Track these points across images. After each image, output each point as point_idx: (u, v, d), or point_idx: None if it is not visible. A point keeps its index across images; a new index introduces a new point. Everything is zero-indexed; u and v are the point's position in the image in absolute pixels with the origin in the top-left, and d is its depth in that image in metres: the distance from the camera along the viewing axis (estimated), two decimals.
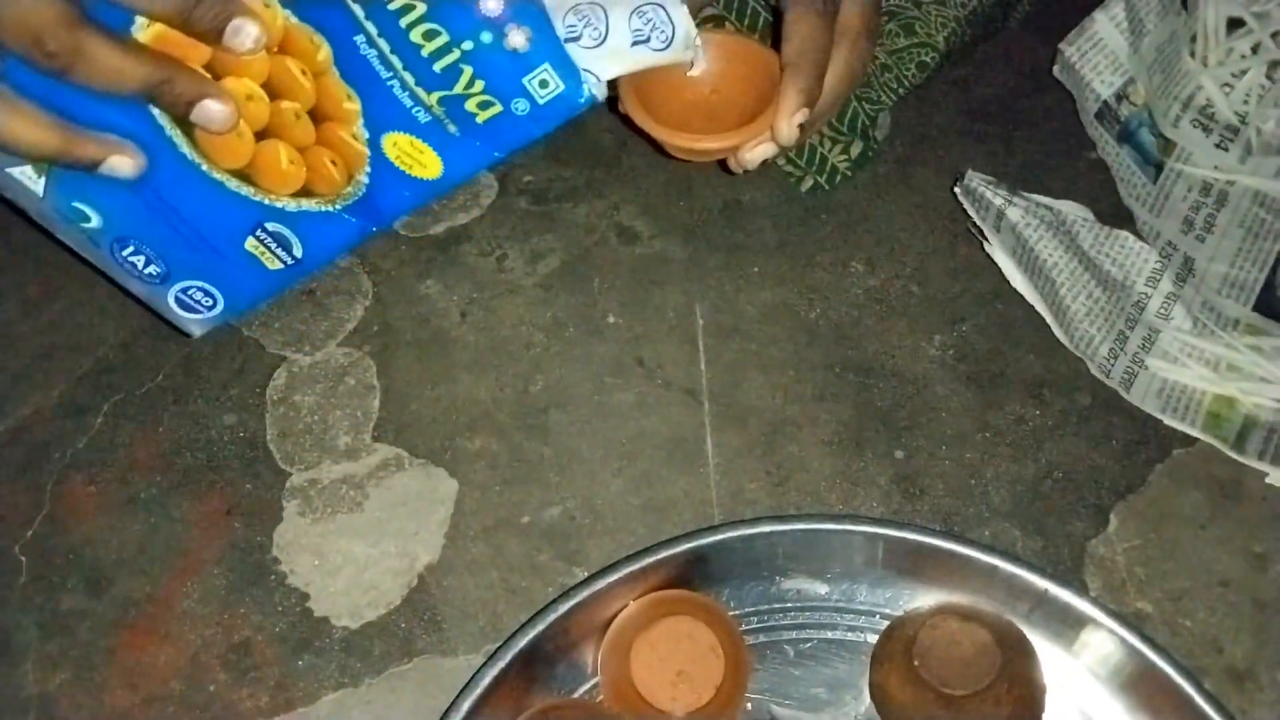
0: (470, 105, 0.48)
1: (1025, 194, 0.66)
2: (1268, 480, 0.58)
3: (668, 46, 0.47)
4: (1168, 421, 0.60)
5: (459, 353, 0.64)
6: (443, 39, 0.46)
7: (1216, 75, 0.72)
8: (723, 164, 0.53)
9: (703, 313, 0.66)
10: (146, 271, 0.53)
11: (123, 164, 0.47)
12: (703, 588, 0.53)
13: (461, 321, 0.66)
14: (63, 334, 0.65)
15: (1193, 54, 0.73)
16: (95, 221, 0.50)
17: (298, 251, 0.54)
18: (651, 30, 0.47)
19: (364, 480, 0.59)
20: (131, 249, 0.52)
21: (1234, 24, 0.73)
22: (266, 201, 0.51)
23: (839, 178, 0.70)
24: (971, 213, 0.63)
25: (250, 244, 0.53)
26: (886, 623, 0.53)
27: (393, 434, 0.61)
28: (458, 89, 0.47)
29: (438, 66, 0.47)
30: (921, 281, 0.67)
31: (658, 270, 0.68)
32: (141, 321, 0.65)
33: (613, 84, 0.49)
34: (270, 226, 0.52)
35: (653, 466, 0.60)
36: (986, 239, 0.62)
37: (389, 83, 0.48)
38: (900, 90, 0.68)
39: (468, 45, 0.46)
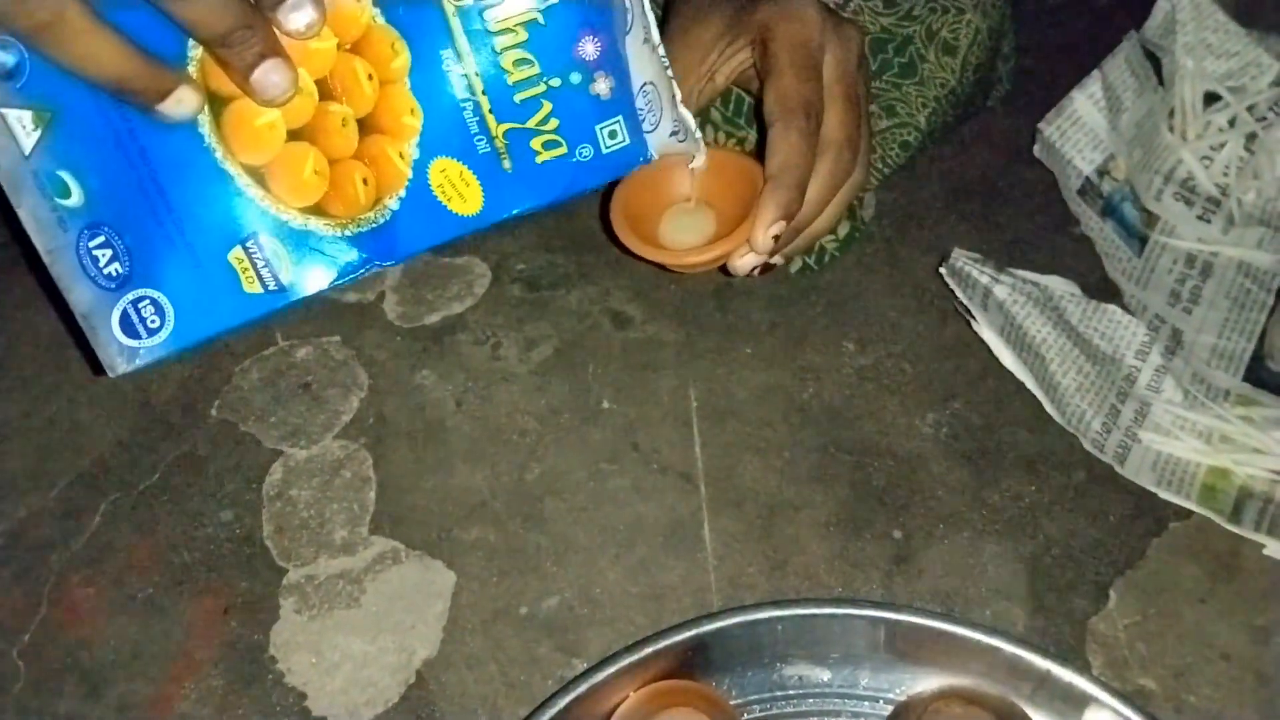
0: (535, 143, 0.48)
1: (1011, 271, 0.67)
2: (1265, 552, 0.58)
3: (685, 139, 0.51)
4: (1163, 495, 0.60)
5: (454, 442, 0.65)
6: (533, 70, 0.46)
7: (1196, 149, 0.73)
8: (723, 268, 0.54)
9: (696, 396, 0.66)
10: (106, 271, 0.45)
11: (190, 100, 0.43)
12: (703, 676, 0.53)
13: (457, 411, 0.66)
14: (60, 432, 0.65)
15: (1171, 129, 0.74)
16: (75, 198, 0.44)
17: (285, 277, 0.47)
18: (684, 129, 0.50)
19: (361, 575, 0.59)
20: (102, 239, 0.45)
21: (1210, 98, 0.74)
22: (272, 210, 0.46)
23: (827, 258, 0.71)
24: (958, 292, 0.64)
25: (235, 255, 0.46)
26: (890, 708, 0.52)
27: (389, 526, 0.61)
28: (531, 123, 0.47)
29: (519, 97, 0.46)
30: (913, 359, 0.68)
31: (651, 355, 0.68)
32: (139, 419, 0.65)
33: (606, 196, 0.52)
34: (264, 240, 0.46)
35: (650, 553, 0.60)
36: (974, 317, 0.63)
37: (462, 104, 0.46)
38: (885, 171, 0.69)
39: (555, 81, 0.46)
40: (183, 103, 0.42)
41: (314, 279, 0.47)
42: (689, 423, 0.65)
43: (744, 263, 0.53)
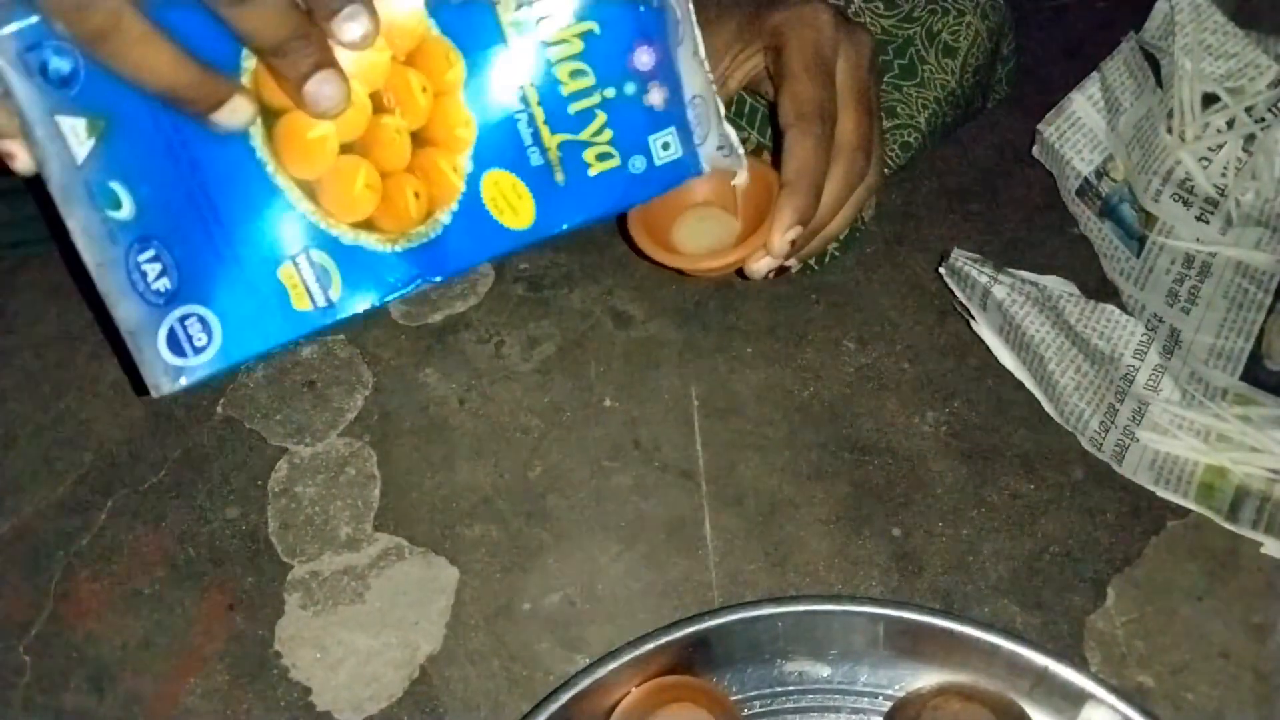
0: (589, 155, 0.47)
1: (1010, 271, 0.68)
2: (1263, 550, 0.59)
3: (730, 154, 0.51)
4: (1160, 493, 0.61)
5: (458, 440, 0.65)
6: (588, 80, 0.46)
7: (1194, 150, 0.74)
8: (739, 271, 0.55)
9: (698, 394, 0.67)
10: (155, 286, 0.44)
11: (244, 109, 0.42)
12: (704, 672, 0.53)
13: (460, 409, 0.66)
14: (67, 429, 0.66)
15: (1170, 130, 0.75)
16: (126, 210, 0.43)
17: (334, 293, 0.46)
18: (729, 144, 0.50)
19: (365, 571, 0.59)
20: (151, 253, 0.44)
21: (1209, 100, 0.75)
22: (323, 225, 0.45)
23: (828, 258, 0.71)
24: (957, 292, 0.64)
25: (284, 272, 0.46)
26: (889, 704, 0.53)
27: (393, 523, 0.61)
28: (584, 134, 0.47)
29: (573, 108, 0.46)
30: (912, 359, 0.68)
31: (653, 353, 0.69)
32: (144, 416, 0.66)
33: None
34: (315, 255, 0.46)
35: (651, 550, 0.60)
36: (973, 317, 0.64)
37: (516, 116, 0.46)
38: (886, 171, 0.70)
39: (610, 92, 0.46)
40: (236, 113, 0.42)
41: (363, 296, 0.47)
42: (690, 421, 0.66)
43: (760, 266, 0.53)
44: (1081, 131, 0.73)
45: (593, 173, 0.48)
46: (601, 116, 0.47)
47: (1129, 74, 0.74)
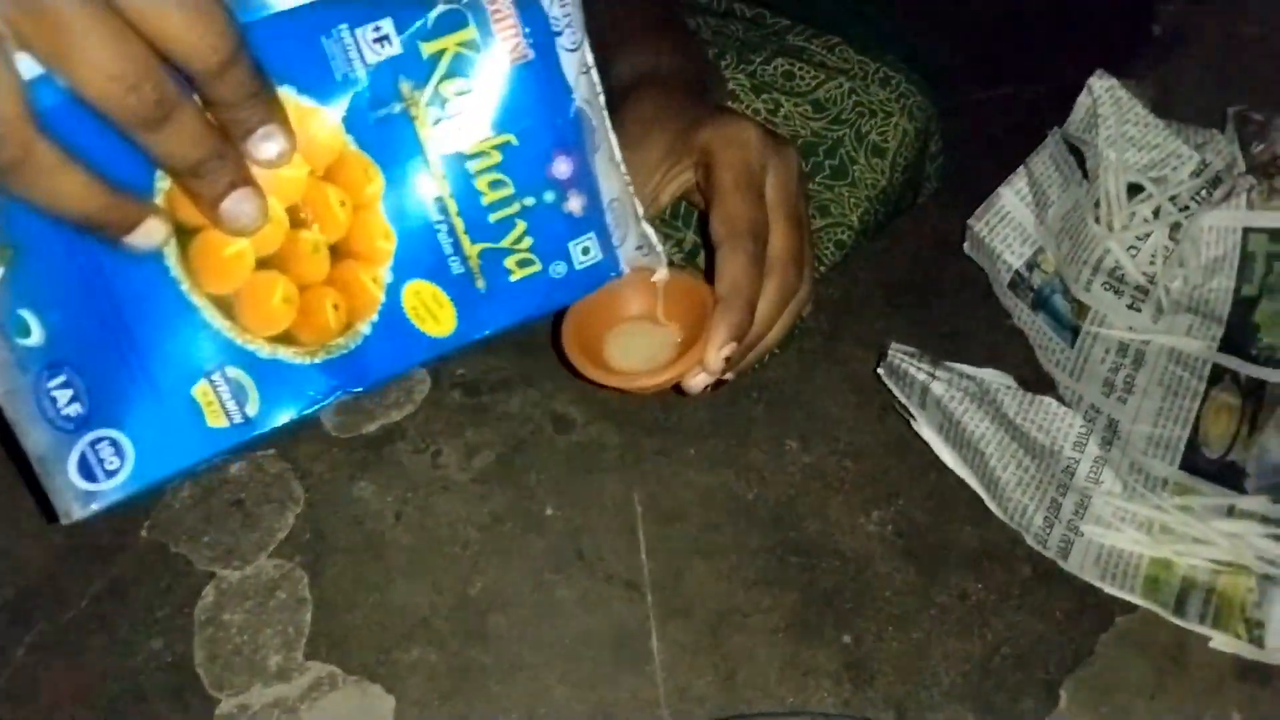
0: (510, 262, 0.48)
1: (948, 365, 0.68)
2: (1211, 645, 0.58)
3: (649, 253, 0.52)
4: (1107, 590, 0.60)
5: (394, 557, 0.63)
6: (508, 190, 0.46)
7: (1122, 239, 0.75)
8: (676, 387, 0.54)
9: (641, 500, 0.66)
10: (65, 412, 0.43)
11: (158, 230, 0.41)
12: None
13: (396, 523, 0.65)
14: None
15: (1098, 220, 0.76)
16: (35, 337, 0.42)
17: (251, 409, 0.45)
18: (647, 243, 0.52)
19: (296, 703, 0.57)
20: (62, 379, 0.42)
21: (1134, 189, 0.76)
22: (239, 341, 0.44)
23: (767, 356, 0.71)
24: (896, 391, 0.64)
25: (200, 389, 0.44)
26: None
27: (326, 649, 0.59)
28: (505, 242, 0.47)
29: (493, 217, 0.47)
30: (855, 456, 0.68)
31: (594, 458, 0.68)
32: (66, 544, 0.63)
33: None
34: (231, 372, 0.45)
35: (597, 668, 0.58)
36: (913, 416, 0.63)
37: (436, 226, 0.46)
38: (820, 269, 0.70)
39: (529, 201, 0.47)
40: (151, 234, 0.41)
41: (282, 410, 0.46)
42: (634, 528, 0.64)
43: (696, 383, 0.53)
44: (1011, 225, 0.74)
45: (514, 279, 0.48)
46: (522, 225, 0.47)
47: (1055, 167, 0.75)
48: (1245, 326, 0.71)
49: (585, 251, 0.49)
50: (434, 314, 0.47)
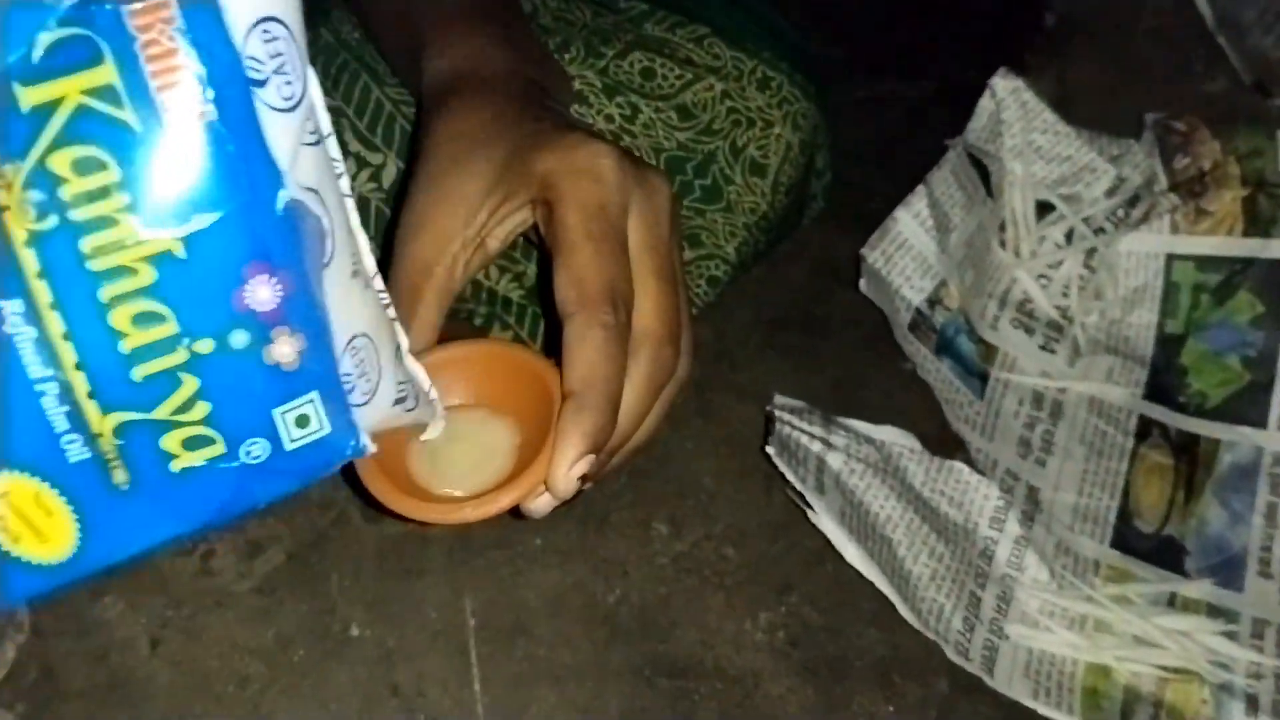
0: (169, 442, 0.30)
1: (842, 424, 0.56)
2: None
3: (415, 406, 0.36)
4: (1041, 709, 0.50)
5: (148, 700, 0.49)
6: (166, 329, 0.29)
7: (1032, 267, 0.65)
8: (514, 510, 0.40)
9: (474, 609, 0.53)
10: None
11: None
12: None
13: (152, 655, 0.50)
14: None
15: (1003, 244, 0.65)
16: None
17: None
18: (412, 392, 0.36)
19: None
20: None
21: (1043, 209, 0.66)
22: None
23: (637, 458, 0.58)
24: (789, 475, 0.52)
25: None
26: None
27: None
28: (159, 412, 0.30)
29: (139, 373, 0.29)
30: (736, 541, 0.56)
31: (414, 555, 0.54)
32: None
33: None
34: None
35: None
36: (809, 506, 0.52)
37: (38, 387, 0.29)
38: (691, 311, 0.57)
39: (203, 346, 0.29)
40: None
41: None
42: (465, 649, 0.51)
43: (540, 505, 0.39)
44: (910, 255, 0.63)
45: (176, 469, 0.30)
46: (190, 383, 0.30)
47: (957, 185, 0.65)
48: (1171, 369, 0.62)
49: (301, 422, 0.31)
50: (37, 528, 0.30)
